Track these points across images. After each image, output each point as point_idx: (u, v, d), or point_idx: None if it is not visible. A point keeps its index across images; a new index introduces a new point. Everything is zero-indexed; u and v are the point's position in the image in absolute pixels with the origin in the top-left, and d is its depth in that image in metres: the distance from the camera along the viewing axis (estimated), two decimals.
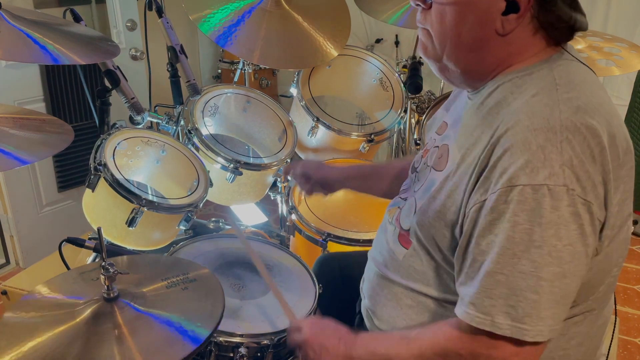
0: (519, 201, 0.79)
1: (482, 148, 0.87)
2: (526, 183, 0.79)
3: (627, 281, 2.64)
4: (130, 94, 1.67)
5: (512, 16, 0.86)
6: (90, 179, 1.48)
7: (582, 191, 0.79)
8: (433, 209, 0.94)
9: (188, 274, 1.04)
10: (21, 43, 1.18)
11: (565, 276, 0.80)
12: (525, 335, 0.80)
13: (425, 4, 0.92)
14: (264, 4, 1.93)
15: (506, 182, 0.80)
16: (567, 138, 0.80)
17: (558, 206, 0.78)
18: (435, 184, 0.96)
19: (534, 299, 0.80)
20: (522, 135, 0.81)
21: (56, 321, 0.91)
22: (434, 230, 0.94)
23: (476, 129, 0.92)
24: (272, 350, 1.17)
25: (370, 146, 2.03)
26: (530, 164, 0.79)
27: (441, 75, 1.00)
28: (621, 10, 2.75)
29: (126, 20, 2.65)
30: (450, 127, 1.04)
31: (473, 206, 0.85)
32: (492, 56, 0.91)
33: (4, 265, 2.63)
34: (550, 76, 0.87)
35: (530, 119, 0.82)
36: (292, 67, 2.05)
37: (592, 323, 0.95)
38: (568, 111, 0.82)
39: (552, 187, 0.78)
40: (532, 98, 0.86)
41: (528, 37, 0.89)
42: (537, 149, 0.79)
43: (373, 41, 3.20)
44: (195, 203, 1.59)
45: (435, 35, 0.92)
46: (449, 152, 0.97)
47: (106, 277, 0.92)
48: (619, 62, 1.70)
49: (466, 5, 0.87)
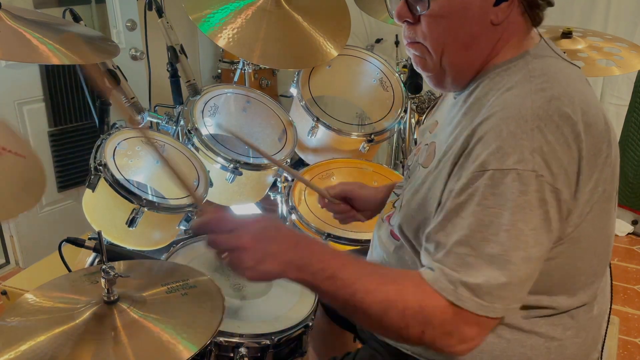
0: (488, 185, 0.80)
1: (460, 142, 0.88)
2: (496, 167, 0.80)
3: (627, 281, 2.64)
4: (130, 94, 1.67)
5: (503, 4, 0.88)
6: (91, 179, 1.48)
7: (551, 178, 0.80)
8: (415, 203, 0.95)
9: (188, 280, 1.04)
10: (21, 43, 1.18)
11: (530, 260, 0.81)
12: (490, 312, 0.81)
13: (414, 18, 0.92)
14: (264, 3, 1.93)
15: (477, 167, 0.82)
16: (538, 126, 0.81)
17: (526, 191, 0.79)
18: (420, 179, 0.97)
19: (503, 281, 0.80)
20: (494, 124, 0.83)
21: (55, 322, 0.91)
22: (416, 223, 0.95)
23: (458, 125, 0.93)
24: (272, 350, 1.17)
25: (370, 146, 2.03)
26: (501, 150, 0.80)
27: (438, 86, 1.00)
28: (621, 10, 2.75)
29: (126, 20, 2.65)
30: (439, 125, 1.06)
31: (447, 193, 0.86)
32: (487, 46, 0.92)
33: (4, 265, 2.63)
34: (525, 69, 0.89)
35: (503, 110, 0.84)
36: (292, 67, 2.05)
37: (586, 315, 0.96)
38: (540, 100, 0.83)
39: (521, 172, 0.79)
40: (506, 92, 0.87)
41: (519, 19, 0.91)
42: (507, 135, 0.81)
43: (373, 41, 3.20)
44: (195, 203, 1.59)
45: (431, 45, 0.92)
46: (435, 149, 0.98)
47: (106, 280, 0.92)
48: (619, 62, 1.70)
49: (460, 9, 0.88)
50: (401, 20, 0.94)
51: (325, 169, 1.93)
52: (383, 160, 2.81)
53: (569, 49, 1.73)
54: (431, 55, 0.94)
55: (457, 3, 0.88)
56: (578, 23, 2.61)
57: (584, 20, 2.77)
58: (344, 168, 1.95)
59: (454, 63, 0.94)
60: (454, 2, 0.88)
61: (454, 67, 0.94)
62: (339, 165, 1.95)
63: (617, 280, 2.63)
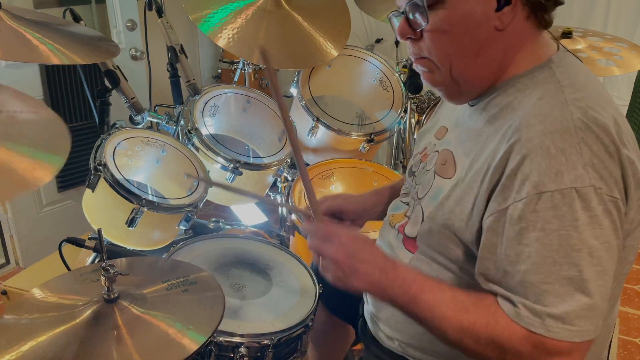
0: (549, 208, 0.79)
1: (491, 154, 0.87)
2: (554, 189, 0.78)
3: (627, 281, 2.64)
4: (130, 93, 1.67)
5: (506, 9, 0.87)
6: (90, 179, 1.48)
7: (607, 189, 0.79)
8: (441, 216, 0.93)
9: (188, 276, 1.04)
10: (21, 43, 1.18)
11: (606, 273, 0.81)
12: (584, 337, 0.80)
13: (416, 34, 0.91)
14: (264, 3, 1.93)
15: (532, 189, 0.80)
16: (582, 138, 0.80)
17: (589, 207, 0.78)
18: (444, 191, 0.95)
19: (585, 301, 0.80)
20: (538, 140, 0.81)
21: (56, 322, 0.91)
22: (444, 238, 0.94)
23: (482, 134, 0.92)
24: (272, 350, 1.17)
25: (370, 146, 2.03)
26: (554, 168, 0.79)
27: (453, 100, 0.98)
28: (621, 10, 2.75)
29: (126, 20, 2.65)
30: (450, 131, 1.04)
31: (490, 215, 0.85)
32: (497, 53, 0.91)
33: (4, 265, 2.62)
34: (554, 78, 0.88)
35: (543, 123, 0.82)
36: (292, 67, 2.05)
37: (603, 322, 0.95)
38: (578, 111, 0.82)
39: (580, 189, 0.78)
40: (538, 101, 0.86)
41: (523, 23, 0.90)
42: (557, 153, 0.79)
43: (373, 41, 3.20)
44: (195, 203, 1.59)
45: (438, 59, 0.91)
46: (454, 159, 0.96)
47: (106, 278, 0.92)
48: (619, 62, 1.70)
49: (461, 19, 0.87)
50: (404, 38, 0.93)
51: (325, 169, 1.93)
52: (383, 160, 2.81)
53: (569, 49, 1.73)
54: (439, 69, 0.92)
55: (457, 13, 0.87)
56: (578, 23, 2.61)
57: (584, 20, 2.77)
58: (344, 168, 1.95)
59: (465, 73, 0.92)
60: (453, 13, 0.87)
61: (466, 77, 0.93)
62: (339, 165, 1.95)
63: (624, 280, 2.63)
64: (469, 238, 0.90)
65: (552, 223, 0.79)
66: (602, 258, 0.79)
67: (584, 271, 0.79)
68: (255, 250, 1.44)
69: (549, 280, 0.80)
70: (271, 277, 1.35)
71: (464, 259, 0.93)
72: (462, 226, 0.90)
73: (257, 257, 1.42)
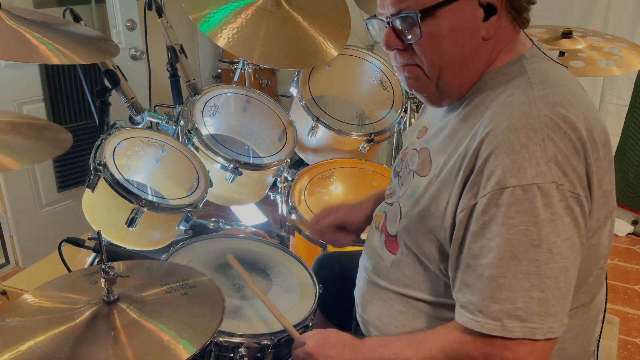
0: (511, 203, 0.80)
1: (463, 152, 0.87)
2: (515, 184, 0.79)
3: (627, 281, 2.64)
4: (130, 93, 1.66)
5: (492, 19, 0.88)
6: (90, 179, 1.48)
7: (570, 185, 0.80)
8: (417, 214, 0.94)
9: (188, 280, 1.04)
10: (21, 43, 1.18)
11: (568, 270, 0.81)
12: (536, 334, 0.81)
13: (405, 46, 0.91)
14: (263, 3, 1.93)
15: (495, 184, 0.81)
16: (548, 135, 0.80)
17: (550, 203, 0.79)
18: (419, 188, 0.96)
19: (540, 297, 0.80)
20: (503, 136, 0.82)
21: (55, 322, 0.91)
22: (420, 235, 0.95)
23: (457, 133, 0.92)
24: (272, 350, 1.17)
25: (370, 146, 2.03)
26: (516, 164, 0.80)
27: (434, 105, 0.99)
28: (621, 10, 2.75)
29: (126, 20, 2.65)
30: (429, 130, 1.05)
31: (462, 211, 0.86)
32: (482, 62, 0.92)
33: (4, 265, 2.62)
34: (525, 75, 0.89)
35: (509, 119, 0.83)
36: (292, 67, 2.05)
37: (585, 315, 0.96)
38: (545, 108, 0.83)
39: (541, 185, 0.79)
40: (508, 98, 0.86)
41: (507, 28, 0.91)
42: (520, 148, 0.80)
43: (373, 41, 3.19)
44: (195, 203, 1.59)
45: (428, 69, 0.91)
46: (430, 157, 0.97)
47: (106, 280, 0.92)
48: (619, 62, 1.70)
49: (451, 31, 0.87)
50: (390, 49, 0.93)
51: (326, 169, 1.93)
52: (383, 160, 2.81)
53: (569, 49, 1.73)
54: (427, 78, 0.92)
55: (447, 25, 0.86)
56: (578, 23, 2.61)
57: (584, 20, 2.77)
58: (344, 168, 1.95)
59: (451, 83, 0.93)
60: (444, 24, 0.86)
61: (452, 86, 0.93)
62: (339, 165, 1.95)
63: (617, 280, 2.63)
64: (444, 235, 0.90)
65: (513, 218, 0.80)
66: (563, 254, 0.80)
67: (541, 267, 0.79)
68: (255, 250, 1.44)
69: (507, 274, 0.80)
70: (271, 277, 1.35)
71: (440, 257, 0.93)
72: (438, 223, 0.90)
73: (257, 257, 1.42)
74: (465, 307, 0.86)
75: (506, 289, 0.81)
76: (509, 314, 0.81)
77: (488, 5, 0.87)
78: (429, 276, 0.97)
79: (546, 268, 0.79)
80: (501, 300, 0.81)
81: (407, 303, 1.01)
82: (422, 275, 0.98)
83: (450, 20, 0.86)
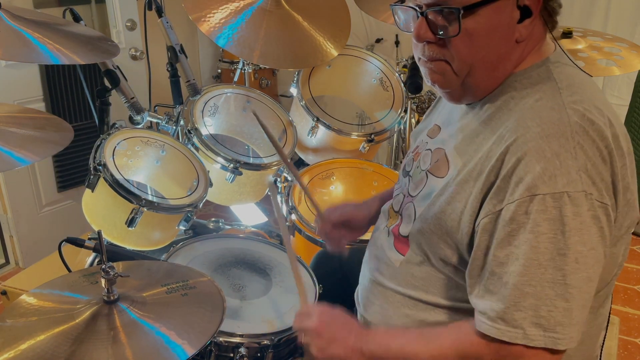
0: (540, 210, 0.79)
1: (486, 155, 0.86)
2: (546, 192, 0.78)
3: (627, 281, 2.64)
4: (130, 93, 1.66)
5: (526, 21, 0.87)
6: (90, 179, 1.48)
7: (598, 194, 0.79)
8: (433, 215, 0.93)
9: (188, 281, 1.04)
10: (21, 43, 1.18)
11: (591, 280, 0.81)
12: (558, 344, 0.80)
13: (436, 39, 0.88)
14: (264, 4, 1.93)
15: (524, 191, 0.79)
16: (579, 143, 0.80)
17: (579, 212, 0.78)
18: (435, 190, 0.95)
19: (565, 306, 0.79)
20: (534, 143, 0.81)
21: (55, 322, 0.91)
22: (435, 237, 0.93)
23: (477, 135, 0.91)
24: (272, 351, 1.18)
25: (370, 146, 2.03)
26: (548, 171, 0.79)
27: (453, 101, 0.97)
28: (621, 10, 2.75)
29: (126, 20, 2.65)
30: (443, 130, 1.03)
31: (485, 217, 0.84)
32: (510, 63, 0.90)
33: (4, 265, 2.63)
34: (551, 79, 0.87)
35: (540, 126, 0.82)
36: (292, 67, 2.05)
37: (592, 322, 0.96)
38: (575, 115, 0.82)
39: (571, 194, 0.78)
40: (535, 103, 0.85)
41: (539, 31, 0.91)
42: (552, 156, 0.79)
43: (373, 41, 3.20)
44: (195, 203, 1.59)
45: (458, 66, 0.89)
46: (447, 158, 0.96)
47: (106, 280, 0.92)
48: (619, 62, 1.70)
49: (490, 30, 0.85)
50: (421, 41, 0.90)
51: (326, 169, 1.93)
52: (383, 160, 2.81)
53: (569, 49, 1.73)
54: (454, 75, 0.90)
55: (486, 23, 0.85)
56: (578, 23, 2.61)
57: (584, 20, 2.77)
58: (344, 168, 1.95)
59: (479, 83, 0.91)
60: (483, 23, 0.85)
61: (478, 86, 0.92)
62: (339, 165, 1.95)
63: (617, 280, 2.62)
64: (460, 238, 0.89)
65: (541, 226, 0.79)
66: (587, 264, 0.79)
67: (567, 276, 0.79)
68: (255, 250, 1.44)
69: (532, 282, 0.80)
70: (271, 277, 1.35)
71: (454, 259, 0.93)
72: (454, 226, 0.89)
73: (257, 257, 1.42)
74: (485, 314, 0.85)
75: (531, 297, 0.80)
76: (532, 322, 0.80)
77: (525, 8, 0.86)
78: (440, 279, 0.96)
79: (572, 277, 0.79)
80: (524, 308, 0.81)
81: (415, 306, 1.00)
82: (433, 277, 0.97)
83: (490, 19, 0.85)
